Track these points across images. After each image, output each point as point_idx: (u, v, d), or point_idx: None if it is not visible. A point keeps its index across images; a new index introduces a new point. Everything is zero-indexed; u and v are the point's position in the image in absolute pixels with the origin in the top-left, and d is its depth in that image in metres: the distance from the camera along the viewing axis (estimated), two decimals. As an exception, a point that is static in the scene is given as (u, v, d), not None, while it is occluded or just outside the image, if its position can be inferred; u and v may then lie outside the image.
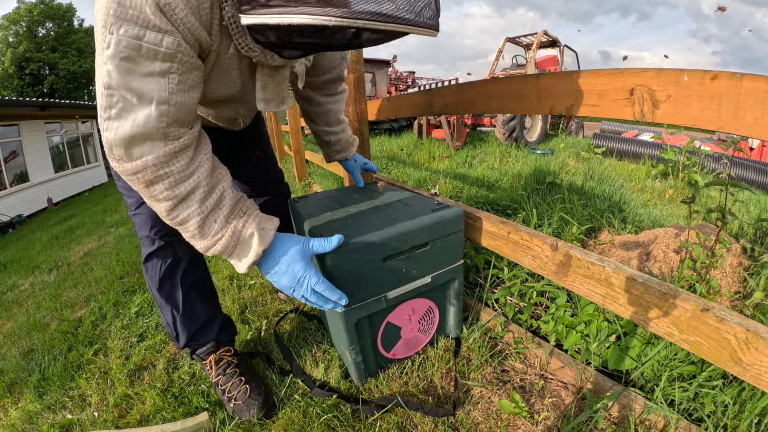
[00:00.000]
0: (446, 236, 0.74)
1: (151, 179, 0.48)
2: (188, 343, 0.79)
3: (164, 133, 0.47)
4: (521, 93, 0.66)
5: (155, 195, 0.49)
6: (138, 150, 0.46)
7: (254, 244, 0.55)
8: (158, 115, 0.45)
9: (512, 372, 0.78)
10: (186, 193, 0.50)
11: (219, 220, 0.53)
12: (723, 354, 0.47)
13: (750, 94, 0.42)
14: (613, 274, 0.56)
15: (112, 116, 0.44)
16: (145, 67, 0.43)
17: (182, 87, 0.46)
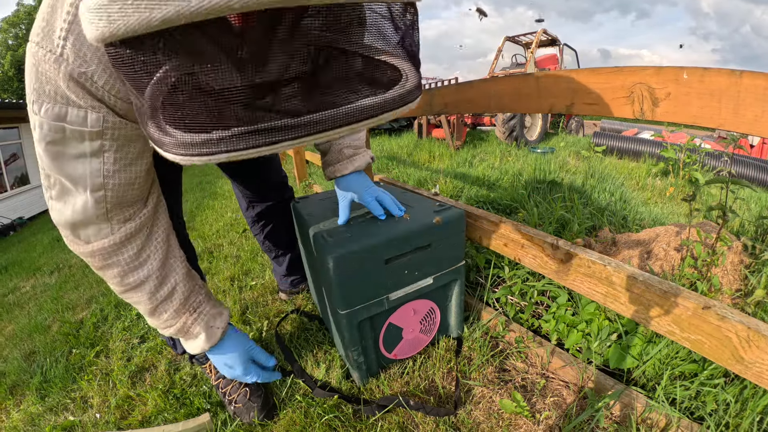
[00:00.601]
0: (448, 238, 0.73)
1: (100, 266, 0.47)
2: (189, 356, 0.80)
3: (107, 218, 0.44)
4: (521, 92, 0.66)
5: (107, 278, 0.49)
6: (84, 233, 0.44)
7: (201, 341, 0.59)
8: (95, 202, 0.42)
9: (513, 371, 0.78)
10: (136, 283, 0.49)
11: (169, 312, 0.55)
12: (724, 352, 0.47)
13: (750, 91, 0.42)
14: (614, 272, 0.56)
15: (53, 197, 0.42)
16: (73, 148, 0.38)
17: (122, 164, 0.41)
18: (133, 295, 0.52)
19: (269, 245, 1.07)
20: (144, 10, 0.19)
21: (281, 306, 1.16)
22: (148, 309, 0.53)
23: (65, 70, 0.34)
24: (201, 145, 0.24)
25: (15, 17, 15.10)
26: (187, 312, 0.56)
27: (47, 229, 4.74)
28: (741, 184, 0.82)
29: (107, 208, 0.43)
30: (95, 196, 0.41)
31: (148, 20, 0.19)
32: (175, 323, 0.56)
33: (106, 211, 0.43)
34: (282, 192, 1.02)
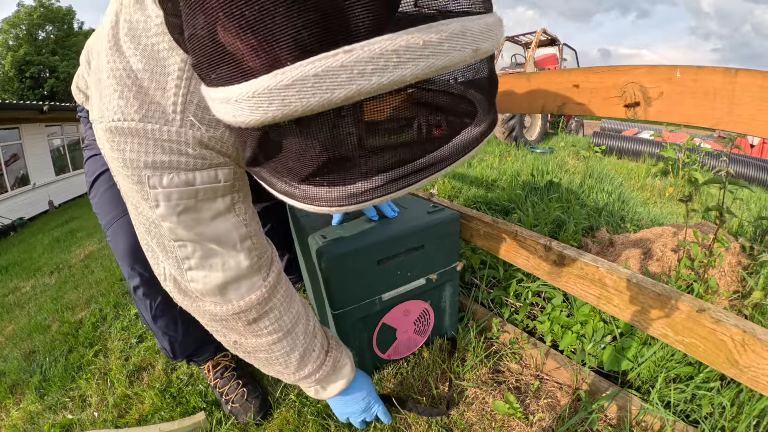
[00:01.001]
0: (441, 239, 0.73)
1: (255, 317, 0.43)
2: (186, 360, 0.78)
3: (259, 268, 0.42)
4: (512, 91, 0.65)
5: (258, 331, 0.44)
6: (235, 292, 0.41)
7: (347, 372, 0.55)
8: (247, 253, 0.40)
9: (507, 372, 0.78)
10: (291, 324, 0.46)
11: (317, 349, 0.51)
12: (719, 356, 0.46)
13: (745, 90, 0.41)
14: (607, 274, 0.56)
15: (194, 267, 0.39)
16: (207, 210, 0.37)
17: (251, 213, 0.41)
18: (287, 343, 0.46)
19: None
20: (326, 92, 0.19)
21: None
22: (300, 354, 0.48)
23: (193, 136, 0.33)
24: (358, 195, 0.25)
25: (15, 18, 15.13)
26: (332, 348, 0.53)
27: (47, 229, 4.76)
28: (739, 184, 0.82)
29: (257, 255, 0.42)
30: (245, 246, 0.40)
31: (329, 100, 0.19)
32: (327, 362, 0.51)
33: (258, 260, 0.42)
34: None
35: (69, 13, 16.38)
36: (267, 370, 0.50)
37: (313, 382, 0.52)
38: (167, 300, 0.63)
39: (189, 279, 0.40)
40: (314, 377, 0.51)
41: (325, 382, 0.54)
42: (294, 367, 0.49)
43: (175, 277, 0.41)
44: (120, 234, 0.60)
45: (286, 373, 0.50)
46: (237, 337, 0.45)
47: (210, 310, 0.42)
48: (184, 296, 0.42)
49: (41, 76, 15.25)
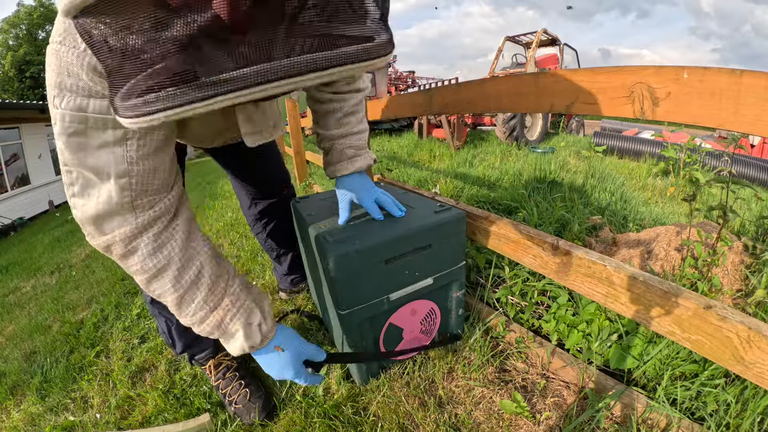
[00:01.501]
0: (448, 238, 0.73)
1: (122, 253, 0.45)
2: (185, 350, 0.79)
3: (132, 207, 0.43)
4: (520, 91, 0.66)
5: (129, 267, 0.47)
6: (108, 225, 0.44)
7: (240, 339, 0.52)
8: (119, 190, 0.42)
9: (514, 372, 0.78)
10: (157, 267, 0.47)
11: (197, 300, 0.49)
12: (725, 353, 0.47)
13: (750, 90, 0.42)
14: (614, 273, 0.56)
15: (76, 194, 0.42)
16: (96, 138, 0.39)
17: (145, 151, 0.42)
18: (158, 285, 0.47)
19: (271, 244, 1.07)
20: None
21: (281, 305, 1.16)
22: (175, 299, 0.48)
23: (88, 62, 0.36)
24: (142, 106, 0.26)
25: (15, 18, 15.11)
26: (217, 300, 0.51)
27: (48, 229, 4.75)
28: (741, 184, 0.82)
29: (132, 196, 0.43)
30: (120, 183, 0.41)
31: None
32: (210, 320, 0.50)
33: (131, 200, 0.43)
34: (284, 189, 1.03)
35: (68, 14, 16.32)
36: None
37: (206, 332, 0.51)
38: None
39: (72, 205, 0.43)
40: (199, 329, 0.51)
41: (223, 340, 0.53)
42: (177, 313, 0.50)
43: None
44: None
45: (180, 320, 0.51)
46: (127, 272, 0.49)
47: (92, 243, 0.45)
48: (82, 229, 0.45)
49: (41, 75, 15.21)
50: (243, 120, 0.54)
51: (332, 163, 0.73)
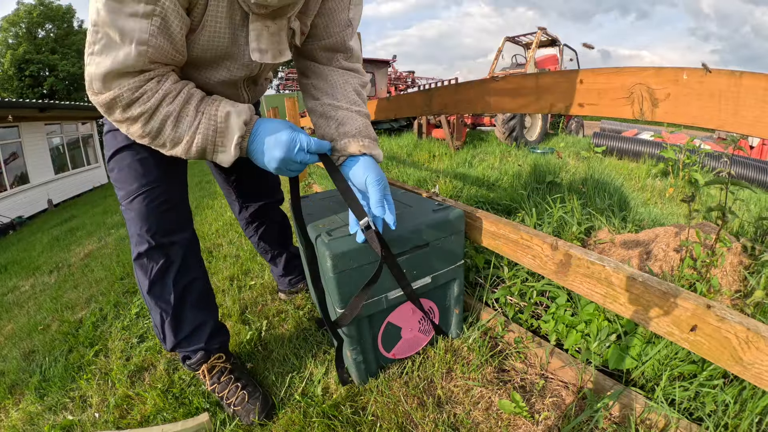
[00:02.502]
0: (447, 237, 0.74)
1: (127, 102, 0.50)
2: (175, 347, 0.77)
3: (141, 70, 0.49)
4: (520, 92, 0.66)
5: (131, 115, 0.51)
6: (116, 82, 0.49)
7: (233, 120, 0.54)
8: (137, 54, 0.47)
9: (513, 372, 0.78)
10: (155, 103, 0.51)
11: (190, 113, 0.53)
12: (723, 353, 0.47)
13: (750, 92, 0.42)
14: (613, 273, 0.56)
15: (95, 52, 0.47)
16: (130, 7, 0.45)
17: (164, 32, 0.48)
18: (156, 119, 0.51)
19: (264, 246, 1.08)
20: None
21: (281, 305, 1.16)
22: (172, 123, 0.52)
23: None
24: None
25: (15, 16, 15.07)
26: (207, 105, 0.54)
27: (47, 228, 4.74)
28: (740, 185, 0.82)
29: (144, 62, 0.48)
30: (139, 48, 0.47)
31: None
32: (201, 119, 0.53)
33: (143, 64, 0.48)
34: (275, 193, 1.03)
35: (69, 12, 16.33)
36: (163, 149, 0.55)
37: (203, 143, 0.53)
38: (166, 268, 0.72)
39: (88, 63, 0.48)
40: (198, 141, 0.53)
41: (220, 143, 0.54)
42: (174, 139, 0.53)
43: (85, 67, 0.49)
44: (137, 203, 0.67)
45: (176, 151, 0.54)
46: (125, 127, 0.53)
47: (97, 101, 0.50)
48: (89, 87, 0.50)
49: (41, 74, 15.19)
50: (254, 36, 0.56)
51: (350, 134, 0.63)
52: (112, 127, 0.67)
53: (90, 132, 9.47)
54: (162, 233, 0.69)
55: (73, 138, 8.75)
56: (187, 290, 0.75)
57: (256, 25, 0.56)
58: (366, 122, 0.66)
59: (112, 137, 0.68)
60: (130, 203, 0.68)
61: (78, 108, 8.09)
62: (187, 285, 0.75)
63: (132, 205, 0.68)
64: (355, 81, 0.70)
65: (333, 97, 0.67)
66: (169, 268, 0.72)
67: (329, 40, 0.67)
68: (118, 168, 0.68)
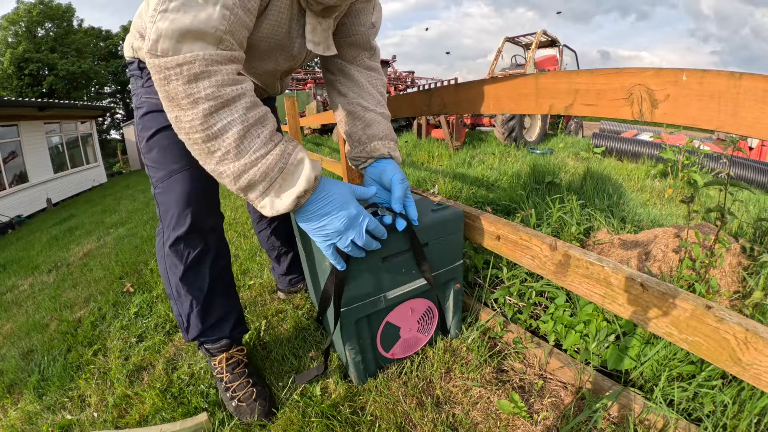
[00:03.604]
0: (446, 237, 0.74)
1: (197, 73, 0.42)
2: (198, 337, 0.75)
3: (219, 38, 0.43)
4: (520, 92, 0.66)
5: (195, 93, 0.42)
6: (188, 46, 0.42)
7: (306, 168, 0.46)
8: (221, 17, 0.42)
9: (511, 372, 0.78)
10: (232, 96, 0.44)
11: (262, 136, 0.45)
12: (722, 354, 0.47)
13: (749, 93, 0.42)
14: (612, 273, 0.56)
15: (170, 8, 0.41)
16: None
17: (244, 5, 0.45)
18: (224, 115, 0.43)
19: (273, 242, 1.07)
20: None
21: (280, 305, 1.15)
22: (238, 132, 0.43)
23: None
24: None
25: (15, 15, 15.05)
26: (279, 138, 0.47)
27: (46, 227, 4.73)
28: (739, 186, 0.82)
29: (227, 27, 0.43)
30: (223, 12, 0.43)
31: None
32: (273, 150, 0.45)
33: (225, 30, 0.43)
34: None
35: (68, 11, 16.32)
36: (208, 163, 0.46)
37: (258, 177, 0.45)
38: (203, 253, 0.69)
39: (158, 18, 0.42)
40: (258, 169, 0.44)
41: (278, 185, 0.46)
42: (232, 152, 0.44)
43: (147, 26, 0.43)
44: (178, 183, 0.65)
45: (226, 167, 0.45)
46: (178, 111, 0.44)
47: (159, 62, 0.42)
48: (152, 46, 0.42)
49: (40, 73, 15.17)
50: (309, 29, 0.57)
51: (378, 137, 0.66)
52: (152, 108, 0.65)
53: (89, 131, 9.46)
54: (203, 215, 0.67)
55: (72, 137, 8.73)
56: (220, 277, 0.74)
57: (311, 20, 0.57)
58: (389, 125, 0.70)
59: (153, 118, 0.65)
60: (170, 183, 0.65)
61: (77, 107, 8.09)
62: (220, 272, 0.74)
63: (172, 184, 0.64)
64: (379, 83, 0.73)
65: (360, 97, 0.70)
66: (206, 254, 0.70)
67: (355, 37, 0.70)
68: (159, 147, 0.65)
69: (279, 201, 0.47)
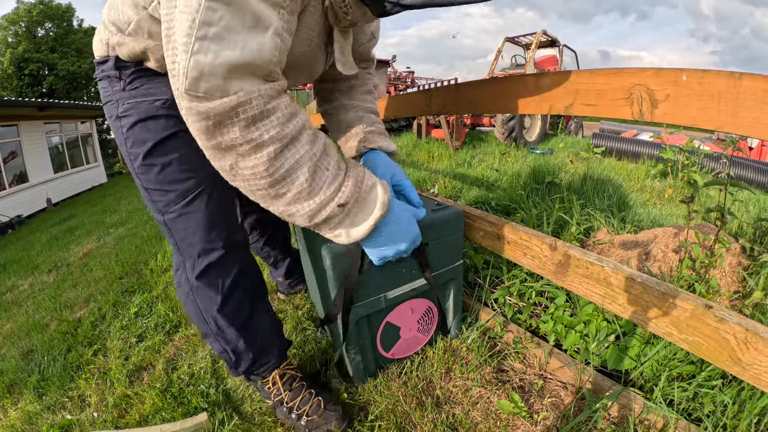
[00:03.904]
0: (446, 237, 0.73)
1: (255, 115, 0.36)
2: (250, 368, 0.66)
3: (270, 71, 0.37)
4: (520, 93, 0.66)
5: (256, 137, 0.37)
6: (238, 83, 0.35)
7: (379, 192, 0.43)
8: (273, 46, 0.36)
9: (511, 372, 0.78)
10: (295, 132, 0.38)
11: (331, 167, 0.41)
12: (722, 354, 0.47)
13: (749, 93, 0.42)
14: (612, 273, 0.56)
15: (210, 36, 0.33)
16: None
17: (288, 29, 0.39)
18: (291, 154, 0.38)
19: (269, 251, 1.07)
20: None
21: (280, 305, 1.15)
22: (309, 170, 0.39)
23: None
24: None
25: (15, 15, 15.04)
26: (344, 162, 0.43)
27: (45, 227, 4.73)
28: (739, 186, 0.82)
29: (278, 58, 0.38)
30: (275, 40, 0.36)
31: None
32: (347, 182, 0.41)
33: (276, 62, 0.38)
34: None
35: (68, 11, 16.31)
36: (275, 205, 0.41)
37: (336, 211, 0.41)
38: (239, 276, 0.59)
39: (197, 49, 0.33)
40: (334, 203, 0.40)
41: (354, 213, 0.42)
42: (305, 191, 0.39)
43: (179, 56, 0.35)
44: (197, 202, 0.54)
45: (299, 208, 0.40)
46: (233, 159, 0.38)
47: (204, 107, 0.35)
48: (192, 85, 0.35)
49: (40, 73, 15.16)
50: (338, 48, 0.53)
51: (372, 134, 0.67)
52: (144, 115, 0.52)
53: (89, 131, 9.46)
54: (233, 231, 0.58)
55: (72, 137, 8.73)
56: (258, 295, 0.66)
57: (338, 37, 0.52)
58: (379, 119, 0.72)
59: (146, 128, 0.52)
60: (187, 205, 0.54)
61: (77, 107, 8.08)
62: (257, 288, 0.66)
63: (189, 205, 0.54)
64: (369, 86, 0.74)
65: (351, 98, 0.69)
66: (243, 276, 0.61)
67: (358, 49, 0.67)
68: (162, 165, 0.52)
69: (356, 230, 0.44)
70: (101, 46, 0.53)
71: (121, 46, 0.51)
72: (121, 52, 0.51)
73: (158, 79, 0.52)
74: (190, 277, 0.59)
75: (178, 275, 0.61)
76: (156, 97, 0.52)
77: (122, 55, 0.51)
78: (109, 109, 0.55)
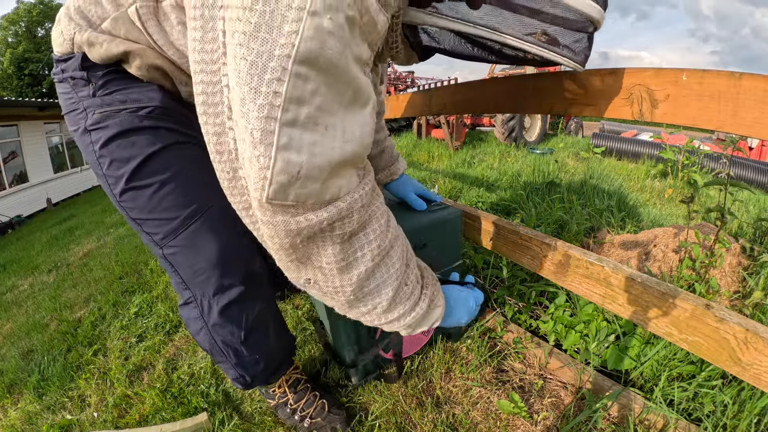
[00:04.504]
0: (445, 237, 0.73)
1: (355, 229, 0.29)
2: (264, 382, 0.63)
3: (364, 158, 0.30)
4: (520, 93, 0.66)
5: (350, 255, 0.29)
6: (335, 185, 0.27)
7: (438, 311, 0.40)
8: (372, 128, 0.28)
9: (511, 372, 0.78)
10: (389, 244, 0.32)
11: (410, 282, 0.35)
12: (722, 354, 0.47)
13: (749, 93, 0.42)
14: (612, 273, 0.56)
15: (302, 121, 0.23)
16: (356, 46, 0.24)
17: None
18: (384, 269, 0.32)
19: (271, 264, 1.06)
20: None
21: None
22: (394, 288, 0.34)
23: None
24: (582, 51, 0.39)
25: (15, 15, 15.05)
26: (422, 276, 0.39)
27: (45, 227, 4.73)
28: (739, 186, 0.82)
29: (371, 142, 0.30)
30: (373, 116, 0.28)
31: None
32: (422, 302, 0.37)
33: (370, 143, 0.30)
34: None
35: (68, 11, 16.28)
36: (342, 311, 0.36)
37: (402, 327, 0.37)
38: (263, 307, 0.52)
39: (285, 143, 0.23)
40: (403, 321, 0.36)
41: (415, 326, 0.39)
42: (383, 308, 0.34)
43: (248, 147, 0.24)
44: (205, 232, 0.44)
45: (369, 317, 0.36)
46: (313, 274, 0.30)
47: (297, 224, 0.26)
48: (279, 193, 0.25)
49: (40, 73, 15.16)
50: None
51: (387, 165, 0.77)
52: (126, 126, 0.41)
53: (89, 131, 9.44)
54: (252, 257, 0.49)
55: (72, 137, 8.72)
56: (278, 319, 0.62)
57: (374, 75, 0.50)
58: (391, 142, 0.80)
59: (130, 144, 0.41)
60: (190, 235, 0.44)
61: (77, 107, 8.04)
62: (277, 312, 0.62)
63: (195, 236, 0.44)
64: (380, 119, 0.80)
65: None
66: (267, 307, 0.56)
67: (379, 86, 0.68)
68: (153, 189, 0.42)
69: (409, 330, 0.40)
70: (63, 41, 0.42)
71: (92, 46, 0.40)
72: (92, 53, 0.41)
73: (139, 83, 0.41)
74: (206, 318, 0.49)
75: (187, 311, 0.51)
76: (138, 104, 0.41)
77: (93, 57, 0.41)
78: (73, 120, 0.43)
